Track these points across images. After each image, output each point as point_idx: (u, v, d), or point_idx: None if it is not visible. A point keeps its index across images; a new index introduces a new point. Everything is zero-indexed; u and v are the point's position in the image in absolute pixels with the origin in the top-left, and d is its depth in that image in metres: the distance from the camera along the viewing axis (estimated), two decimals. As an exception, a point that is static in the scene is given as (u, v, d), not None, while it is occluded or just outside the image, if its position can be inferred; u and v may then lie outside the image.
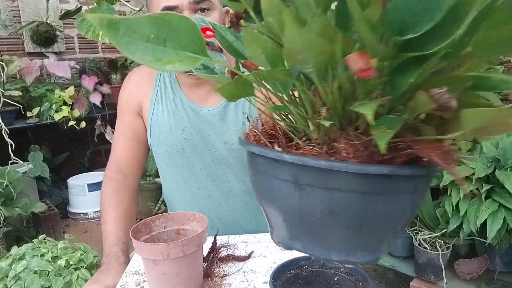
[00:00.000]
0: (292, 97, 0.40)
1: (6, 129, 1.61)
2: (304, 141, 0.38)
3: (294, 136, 0.39)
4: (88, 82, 2.47)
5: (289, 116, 0.41)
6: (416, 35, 0.28)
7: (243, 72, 0.39)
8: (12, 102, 2.00)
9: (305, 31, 0.27)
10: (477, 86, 0.34)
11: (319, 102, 0.37)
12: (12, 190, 1.68)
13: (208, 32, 0.40)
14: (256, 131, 0.41)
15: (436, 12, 0.27)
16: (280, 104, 0.40)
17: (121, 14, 2.27)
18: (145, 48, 0.31)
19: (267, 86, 0.41)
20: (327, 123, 0.34)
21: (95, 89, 2.48)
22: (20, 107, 2.12)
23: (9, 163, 1.67)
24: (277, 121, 0.42)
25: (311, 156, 0.35)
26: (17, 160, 1.62)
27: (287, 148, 0.38)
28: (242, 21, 0.38)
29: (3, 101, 1.95)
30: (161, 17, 0.31)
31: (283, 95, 0.39)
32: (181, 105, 1.01)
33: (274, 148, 0.38)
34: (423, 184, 0.38)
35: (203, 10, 0.90)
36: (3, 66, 1.99)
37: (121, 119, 1.08)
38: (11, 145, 1.57)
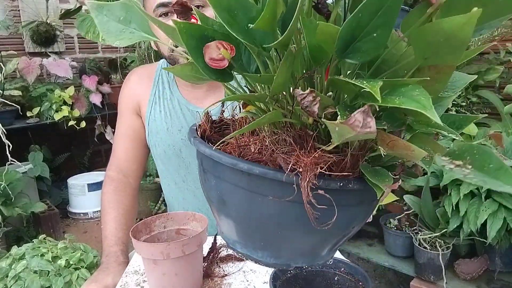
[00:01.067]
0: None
1: (4, 130, 1.60)
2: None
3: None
4: (89, 82, 2.46)
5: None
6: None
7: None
8: (9, 103, 1.99)
9: None
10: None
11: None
12: (10, 191, 1.68)
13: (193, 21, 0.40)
14: (205, 122, 0.44)
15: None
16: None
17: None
18: (116, 26, 0.40)
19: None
20: (242, 114, 0.39)
21: (96, 89, 2.47)
22: (18, 108, 2.11)
23: (7, 164, 1.66)
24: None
25: (208, 146, 0.38)
26: (14, 162, 1.61)
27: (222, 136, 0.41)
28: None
29: (3, 101, 1.94)
30: (127, 2, 0.40)
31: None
32: (178, 105, 1.01)
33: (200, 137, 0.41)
34: (294, 193, 0.33)
35: (197, 7, 0.89)
36: (1, 66, 1.98)
37: (121, 119, 1.09)
38: (9, 146, 1.56)
